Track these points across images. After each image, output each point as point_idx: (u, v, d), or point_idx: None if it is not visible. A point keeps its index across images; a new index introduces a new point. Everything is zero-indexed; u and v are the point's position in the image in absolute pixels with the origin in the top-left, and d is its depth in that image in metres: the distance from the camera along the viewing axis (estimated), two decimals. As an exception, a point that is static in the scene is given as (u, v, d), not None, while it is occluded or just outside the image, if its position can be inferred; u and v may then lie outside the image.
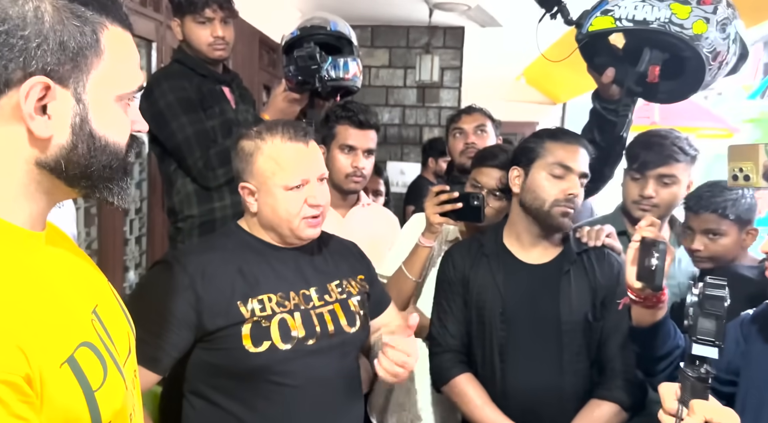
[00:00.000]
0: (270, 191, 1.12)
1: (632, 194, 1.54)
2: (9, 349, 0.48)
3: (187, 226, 1.69)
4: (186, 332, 1.05)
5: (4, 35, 0.52)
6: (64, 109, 0.56)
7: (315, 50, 1.61)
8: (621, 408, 1.26)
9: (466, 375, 1.36)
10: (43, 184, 0.58)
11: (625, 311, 1.15)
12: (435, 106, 4.18)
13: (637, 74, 1.37)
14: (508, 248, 1.38)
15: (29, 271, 0.55)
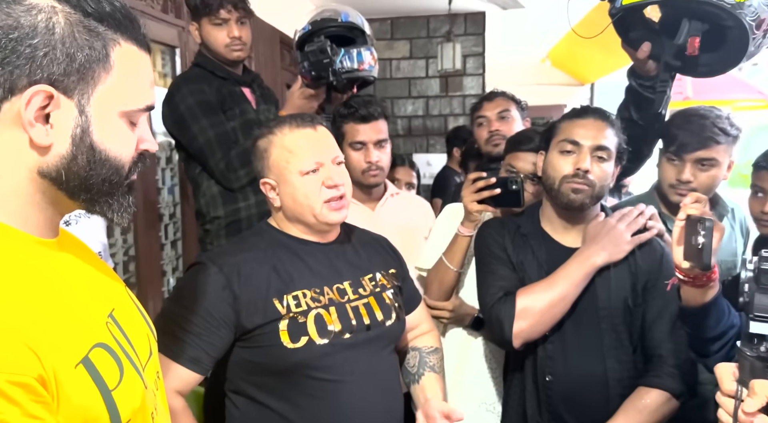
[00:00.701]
0: (287, 180, 1.13)
1: (669, 178, 1.47)
2: (20, 350, 0.49)
3: (214, 227, 1.71)
4: (226, 331, 1.07)
5: (13, 42, 0.53)
6: (67, 119, 0.57)
7: (326, 44, 1.60)
8: (671, 395, 1.22)
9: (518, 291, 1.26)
10: (48, 194, 0.59)
11: (671, 295, 1.11)
12: (459, 94, 4.13)
13: (675, 47, 1.32)
14: (546, 230, 1.36)
15: (39, 276, 0.57)
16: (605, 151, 1.25)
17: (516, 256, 1.34)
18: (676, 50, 1.33)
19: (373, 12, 3.98)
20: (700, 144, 1.41)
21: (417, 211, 1.82)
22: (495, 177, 1.43)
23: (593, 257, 1.25)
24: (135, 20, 0.62)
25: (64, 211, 0.63)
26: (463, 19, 4.03)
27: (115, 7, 0.60)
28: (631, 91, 1.49)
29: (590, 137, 1.25)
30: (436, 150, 4.16)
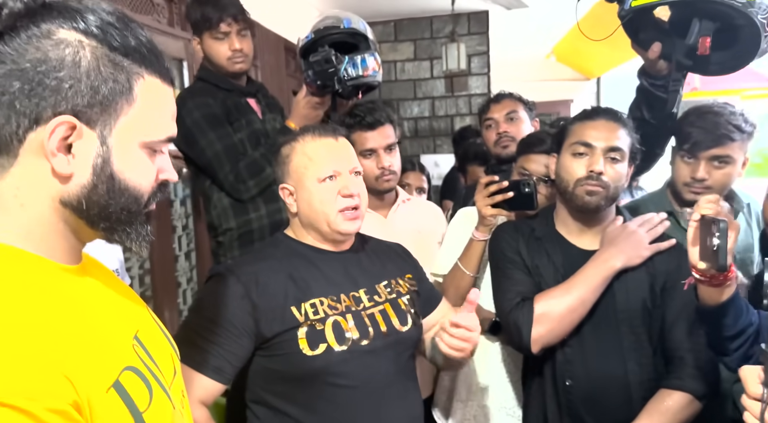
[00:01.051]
0: (305, 186, 1.15)
1: (683, 176, 1.45)
2: (56, 377, 0.50)
3: (227, 239, 1.72)
4: (246, 340, 1.08)
5: (40, 75, 0.55)
6: (88, 149, 0.58)
7: (330, 53, 1.60)
8: (694, 397, 1.21)
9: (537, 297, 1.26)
10: (70, 223, 0.61)
11: (690, 295, 1.10)
12: (464, 94, 4.12)
13: (686, 47, 1.31)
14: (561, 233, 1.35)
15: (67, 303, 0.58)
16: (618, 152, 1.25)
17: (531, 260, 1.33)
18: (688, 50, 1.32)
19: (376, 15, 3.99)
20: (714, 142, 1.39)
21: (429, 216, 1.82)
22: (508, 180, 1.43)
23: (612, 260, 1.24)
24: (159, 55, 0.63)
25: (85, 239, 0.64)
26: (466, 18, 4.02)
27: (141, 41, 0.61)
28: (643, 90, 1.48)
29: (602, 138, 1.25)
30: (443, 150, 4.16)
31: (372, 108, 1.64)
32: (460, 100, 4.14)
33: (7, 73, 0.55)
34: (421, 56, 4.12)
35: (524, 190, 1.40)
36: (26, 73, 0.55)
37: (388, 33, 4.11)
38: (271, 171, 1.67)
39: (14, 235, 0.57)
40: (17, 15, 0.55)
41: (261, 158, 1.68)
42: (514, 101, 1.98)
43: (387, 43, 4.13)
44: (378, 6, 3.75)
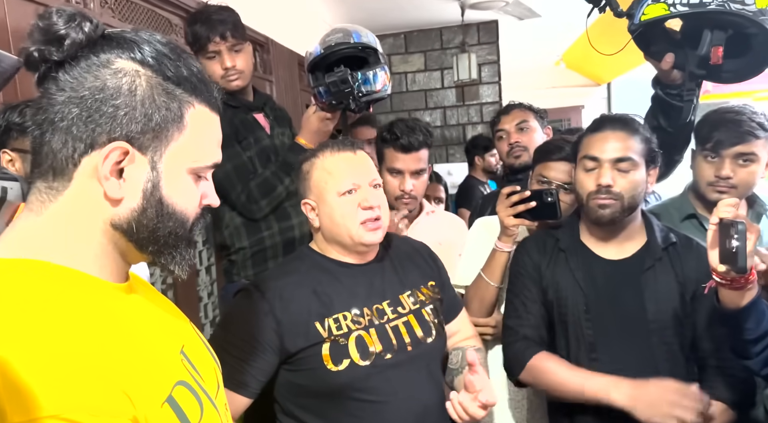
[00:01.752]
0: (325, 200, 1.17)
1: (707, 176, 1.45)
2: (116, 394, 0.52)
3: (240, 258, 1.72)
4: (271, 356, 1.10)
5: (98, 102, 0.58)
6: (139, 174, 0.60)
7: (346, 73, 1.58)
8: (727, 406, 1.19)
9: (544, 352, 1.29)
10: (119, 245, 0.62)
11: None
12: (476, 103, 4.15)
13: (698, 57, 1.31)
14: (585, 243, 1.34)
15: (120, 319, 0.59)
16: (627, 161, 1.24)
17: (552, 276, 1.33)
18: (700, 60, 1.32)
19: (387, 28, 4.04)
20: (738, 138, 1.39)
21: (451, 228, 1.82)
22: (529, 190, 1.43)
23: (617, 396, 1.16)
24: (208, 84, 0.65)
25: (132, 261, 0.66)
26: (476, 29, 4.05)
27: (192, 71, 0.63)
28: (658, 99, 1.48)
29: (609, 151, 1.24)
30: (455, 159, 4.17)
31: (411, 129, 1.62)
32: (472, 108, 4.16)
33: (66, 100, 0.57)
34: (432, 67, 4.16)
35: (547, 199, 1.40)
36: (85, 100, 0.57)
37: (399, 45, 4.16)
38: (282, 189, 1.69)
39: (68, 256, 0.59)
40: (79, 45, 0.58)
41: (272, 176, 1.68)
42: (524, 111, 1.99)
43: (398, 55, 4.17)
44: (388, 19, 3.80)
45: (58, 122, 0.58)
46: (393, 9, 3.57)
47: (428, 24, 4.02)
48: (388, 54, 4.17)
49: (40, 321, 0.52)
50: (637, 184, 1.25)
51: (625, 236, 1.31)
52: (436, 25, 4.05)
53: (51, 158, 0.59)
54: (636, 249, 1.30)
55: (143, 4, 1.86)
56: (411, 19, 3.87)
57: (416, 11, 3.67)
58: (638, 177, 1.25)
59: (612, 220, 1.26)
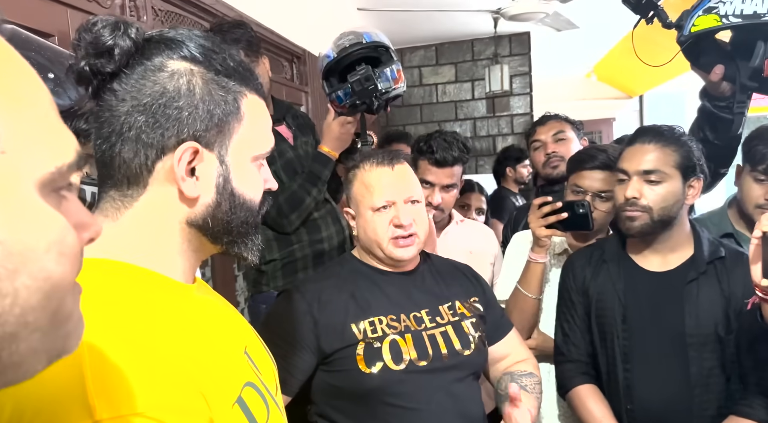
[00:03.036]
0: (362, 214, 1.19)
1: (755, 197, 1.42)
2: (195, 394, 0.52)
3: (270, 268, 1.73)
4: (308, 355, 1.12)
5: (162, 107, 0.58)
6: (210, 170, 0.61)
7: (369, 70, 1.57)
8: None
9: (588, 386, 1.33)
10: (193, 242, 0.63)
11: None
12: (506, 114, 4.15)
13: (750, 69, 1.30)
14: (630, 254, 1.34)
15: (191, 320, 0.60)
16: (656, 173, 1.23)
17: (596, 288, 1.34)
18: (753, 72, 1.30)
19: (418, 40, 4.07)
20: None
21: (481, 237, 1.82)
22: (561, 201, 1.43)
23: None
24: (253, 72, 0.65)
25: (204, 256, 0.67)
26: (507, 40, 4.06)
27: (237, 61, 0.63)
28: (706, 112, 1.46)
29: (635, 164, 1.24)
30: (485, 171, 4.17)
31: (449, 144, 1.62)
32: (502, 120, 4.16)
33: (130, 110, 0.58)
34: (462, 78, 4.17)
35: (579, 210, 1.40)
36: (148, 107, 0.58)
37: (430, 57, 4.19)
38: (311, 200, 1.69)
39: (144, 258, 0.60)
40: (129, 53, 0.58)
41: (299, 189, 1.68)
42: (560, 122, 1.98)
43: (429, 67, 4.20)
44: (421, 31, 3.84)
45: (126, 132, 0.58)
46: (425, 21, 3.60)
47: (460, 36, 4.05)
48: (418, 66, 4.21)
49: (124, 319, 0.54)
50: (668, 196, 1.23)
51: (670, 248, 1.30)
52: (468, 37, 4.07)
53: (124, 168, 0.59)
54: (681, 261, 1.29)
55: (189, 16, 1.93)
56: (443, 31, 3.90)
57: (448, 24, 3.70)
58: (669, 188, 1.23)
59: (641, 232, 1.25)
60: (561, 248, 1.61)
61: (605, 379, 1.32)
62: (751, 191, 1.43)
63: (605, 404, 1.30)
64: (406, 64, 4.16)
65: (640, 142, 1.26)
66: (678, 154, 1.24)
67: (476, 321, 1.23)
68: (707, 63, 1.38)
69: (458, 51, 4.15)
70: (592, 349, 1.35)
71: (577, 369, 1.36)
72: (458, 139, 1.65)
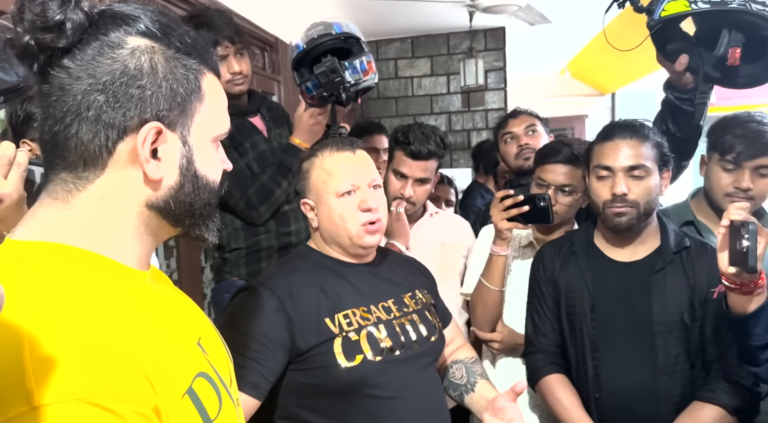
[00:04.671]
0: (324, 201, 1.16)
1: (725, 186, 1.43)
2: (141, 381, 0.51)
3: (234, 256, 1.71)
4: (281, 355, 1.07)
5: (124, 86, 0.55)
6: (173, 151, 0.59)
7: (335, 62, 1.55)
8: (726, 412, 1.20)
9: (557, 376, 1.35)
10: (151, 225, 0.61)
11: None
12: (481, 109, 4.16)
13: (714, 58, 1.31)
14: (598, 246, 1.36)
15: (143, 307, 0.58)
16: (640, 169, 1.25)
17: (566, 278, 1.36)
18: (716, 61, 1.32)
19: (395, 32, 4.05)
20: (759, 151, 1.39)
21: (455, 229, 1.83)
22: (522, 194, 1.44)
23: None
24: (209, 50, 0.64)
25: (161, 240, 0.65)
26: (483, 35, 4.07)
27: (194, 38, 0.62)
28: (668, 104, 1.49)
29: (621, 159, 1.25)
30: (459, 165, 4.18)
31: (426, 137, 1.61)
32: (477, 114, 4.17)
33: (87, 89, 0.55)
34: (438, 72, 4.17)
35: (539, 203, 1.41)
36: (108, 85, 0.55)
37: (406, 49, 4.17)
38: (280, 192, 1.67)
39: (95, 242, 0.58)
40: (82, 28, 0.54)
41: (269, 181, 1.67)
42: (531, 117, 2.01)
43: (404, 60, 4.18)
44: (396, 23, 3.81)
45: (84, 112, 0.55)
46: (401, 13, 3.58)
47: (436, 29, 4.04)
48: (394, 58, 4.19)
49: (66, 303, 0.51)
50: (652, 190, 1.27)
51: (639, 240, 1.32)
52: (444, 31, 4.07)
53: (81, 150, 0.56)
54: (648, 252, 1.31)
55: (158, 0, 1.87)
56: (419, 24, 3.89)
57: (424, 16, 3.69)
58: (652, 182, 1.27)
59: (630, 227, 1.27)
60: (526, 241, 1.63)
61: (574, 369, 1.34)
62: (720, 180, 1.44)
63: (574, 393, 1.31)
64: (381, 56, 4.13)
65: (619, 138, 1.27)
66: (655, 149, 1.28)
67: (433, 310, 1.26)
68: (673, 50, 1.40)
69: (434, 44, 4.14)
70: (562, 340, 1.37)
71: (546, 359, 1.37)
72: (436, 133, 1.65)
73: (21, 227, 0.58)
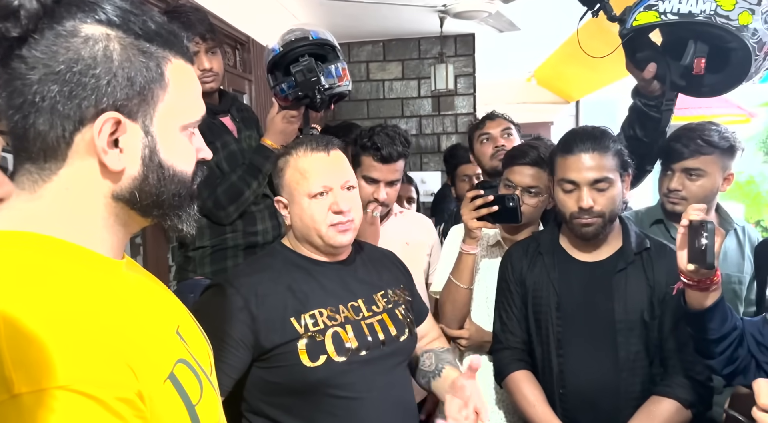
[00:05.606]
0: (297, 201, 1.16)
1: (662, 187, 1.57)
2: (122, 368, 0.51)
3: (198, 255, 1.70)
4: (244, 353, 1.08)
5: (78, 75, 0.54)
6: (134, 141, 0.58)
7: (312, 63, 1.58)
8: (682, 405, 1.25)
9: (523, 372, 1.38)
10: (121, 216, 0.61)
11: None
12: (451, 113, 4.22)
13: (681, 68, 1.37)
14: (563, 247, 1.40)
15: (121, 296, 0.58)
16: (604, 181, 1.28)
17: (532, 278, 1.40)
18: (682, 70, 1.39)
19: (366, 35, 4.07)
20: (686, 154, 1.50)
21: (419, 229, 1.85)
22: (492, 194, 1.48)
23: None
24: (178, 35, 0.62)
25: (134, 230, 0.65)
26: (453, 40, 4.13)
27: (159, 24, 0.60)
28: (636, 110, 1.55)
29: (585, 173, 1.28)
30: (429, 168, 4.23)
31: (392, 139, 1.62)
32: (447, 119, 4.22)
33: (42, 79, 0.54)
34: (409, 76, 4.21)
35: (508, 203, 1.45)
36: (62, 74, 0.54)
37: (377, 53, 4.20)
38: (249, 193, 1.67)
39: (68, 232, 0.57)
40: (37, 16, 0.54)
41: (238, 181, 1.66)
42: (507, 121, 2.07)
43: (376, 63, 4.21)
44: (368, 26, 3.83)
45: (40, 102, 0.54)
46: (373, 17, 3.60)
47: (407, 33, 4.08)
48: (366, 61, 4.21)
49: (43, 291, 0.51)
50: (616, 198, 1.31)
51: (602, 241, 1.36)
52: (415, 35, 4.11)
53: (40, 141, 0.56)
54: (611, 252, 1.36)
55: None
56: (390, 28, 3.92)
57: (395, 20, 3.72)
58: (616, 191, 1.30)
59: (596, 235, 1.32)
60: (494, 240, 1.66)
61: (540, 365, 1.37)
62: (661, 182, 1.59)
63: (539, 389, 1.35)
64: (353, 59, 4.14)
65: (581, 151, 1.29)
66: (616, 157, 1.31)
67: (406, 307, 1.26)
68: (642, 58, 1.46)
69: (405, 48, 4.18)
70: (528, 337, 1.40)
71: (513, 356, 1.40)
72: (399, 133, 1.66)
73: None
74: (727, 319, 1.13)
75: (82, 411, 0.47)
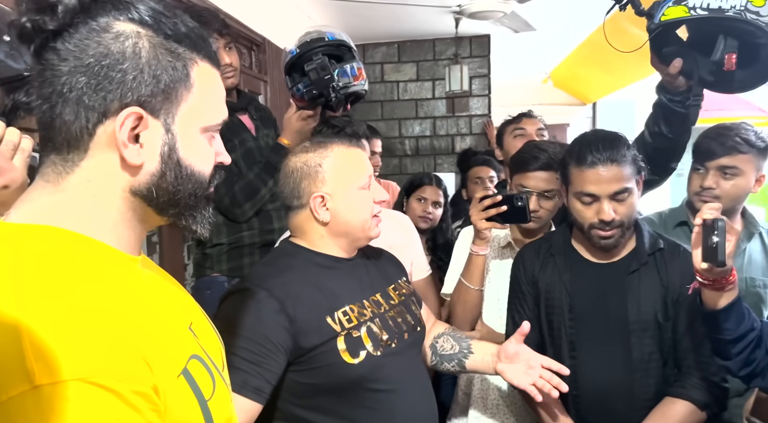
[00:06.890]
0: (345, 194, 1.14)
1: (694, 186, 1.53)
2: (138, 362, 0.52)
3: (215, 252, 1.71)
4: (283, 357, 1.04)
5: (105, 69, 0.56)
6: (155, 138, 0.59)
7: (325, 60, 1.60)
8: (696, 407, 1.24)
9: None
10: (138, 211, 0.62)
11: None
12: (465, 115, 4.21)
13: (710, 63, 1.35)
14: (575, 247, 1.39)
15: (136, 291, 0.59)
16: (623, 193, 1.25)
17: (545, 279, 1.39)
18: (711, 66, 1.37)
19: (381, 36, 4.08)
20: (723, 152, 1.46)
21: (398, 227, 1.79)
22: (501, 194, 1.47)
23: None
24: (207, 39, 0.64)
25: (150, 227, 0.66)
26: (468, 42, 4.12)
27: (190, 27, 0.62)
28: (661, 106, 1.53)
29: (605, 187, 1.24)
30: (443, 169, 4.22)
31: (349, 121, 1.62)
32: (461, 120, 4.22)
33: (71, 70, 0.56)
34: (424, 77, 4.21)
35: (517, 203, 1.44)
36: (91, 67, 0.56)
37: (392, 54, 4.21)
38: (266, 191, 1.68)
39: (87, 226, 0.58)
40: (73, 11, 0.56)
41: (255, 179, 1.67)
42: (541, 123, 2.10)
43: (390, 64, 4.22)
44: (383, 28, 3.85)
45: (67, 93, 0.56)
46: (388, 18, 3.61)
47: (422, 35, 4.08)
48: (380, 62, 4.22)
49: (64, 285, 0.52)
50: (634, 205, 1.29)
51: None
52: (430, 36, 4.11)
53: (64, 131, 0.57)
54: (624, 253, 1.34)
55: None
56: (405, 29, 3.93)
57: (411, 22, 3.73)
58: (634, 199, 1.29)
59: (615, 246, 1.31)
60: (505, 241, 1.66)
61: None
62: (691, 181, 1.55)
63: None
64: (368, 61, 4.16)
65: (599, 163, 1.24)
66: (632, 165, 1.27)
67: (414, 299, 1.29)
68: (669, 54, 1.44)
69: (420, 50, 4.19)
70: (541, 339, 1.39)
71: None
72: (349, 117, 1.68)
73: (15, 210, 0.59)
74: (743, 319, 1.11)
75: (99, 403, 0.48)
